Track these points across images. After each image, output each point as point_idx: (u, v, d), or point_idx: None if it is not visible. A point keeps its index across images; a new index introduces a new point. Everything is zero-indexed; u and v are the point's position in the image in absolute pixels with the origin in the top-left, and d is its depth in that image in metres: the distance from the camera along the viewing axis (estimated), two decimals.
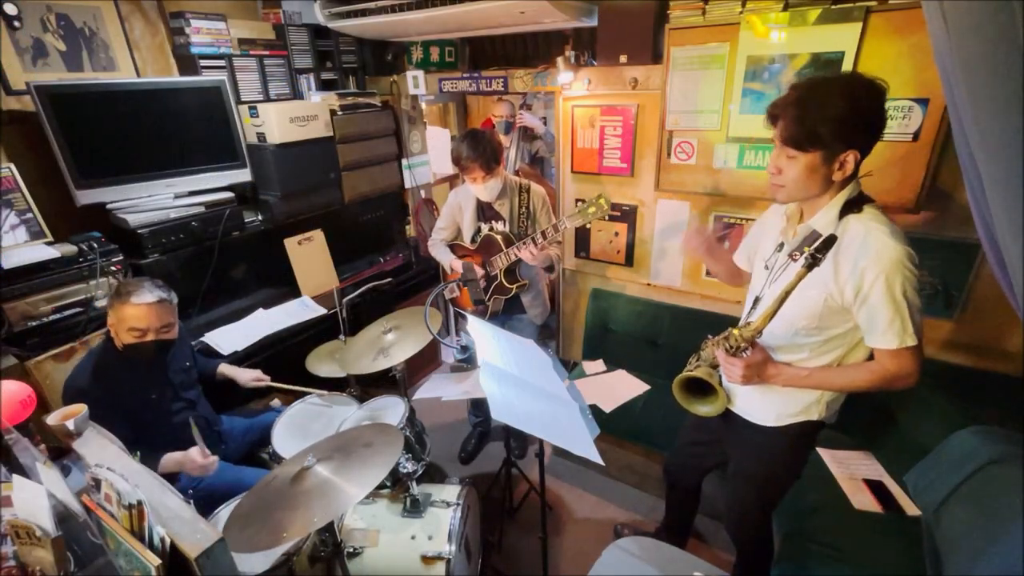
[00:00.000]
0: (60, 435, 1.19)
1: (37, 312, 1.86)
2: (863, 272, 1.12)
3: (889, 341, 1.15)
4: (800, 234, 1.23)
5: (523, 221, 2.15)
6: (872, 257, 1.11)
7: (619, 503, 2.36)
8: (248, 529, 1.18)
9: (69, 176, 1.99)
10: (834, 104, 1.07)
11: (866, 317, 1.16)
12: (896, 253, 1.10)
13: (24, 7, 1.97)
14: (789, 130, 1.13)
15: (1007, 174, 0.90)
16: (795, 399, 1.34)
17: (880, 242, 1.11)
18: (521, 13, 2.25)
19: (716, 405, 1.36)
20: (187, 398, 1.85)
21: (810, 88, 1.12)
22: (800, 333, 1.26)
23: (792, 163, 1.16)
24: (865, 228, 1.13)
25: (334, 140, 2.76)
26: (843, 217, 1.17)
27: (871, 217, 1.15)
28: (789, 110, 1.12)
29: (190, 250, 2.27)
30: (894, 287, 1.10)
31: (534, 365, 1.60)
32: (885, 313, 1.12)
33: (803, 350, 1.28)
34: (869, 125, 1.09)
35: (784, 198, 1.24)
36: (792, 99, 1.13)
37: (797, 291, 1.16)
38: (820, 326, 1.23)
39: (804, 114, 1.10)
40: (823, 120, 1.08)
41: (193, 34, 2.35)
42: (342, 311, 2.30)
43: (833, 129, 1.08)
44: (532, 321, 2.33)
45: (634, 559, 1.49)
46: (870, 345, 1.20)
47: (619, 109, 2.36)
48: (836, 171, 1.14)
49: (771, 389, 1.35)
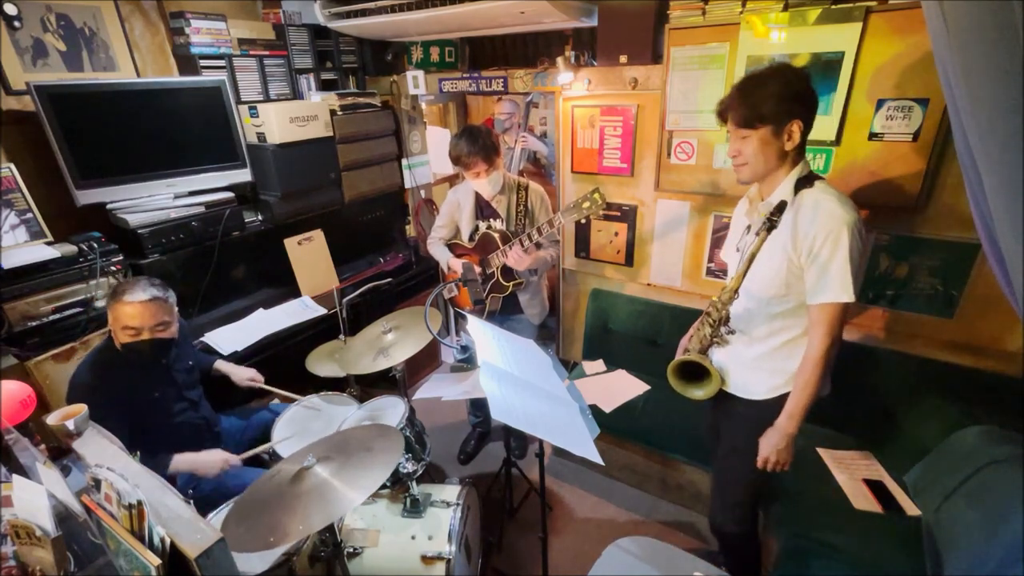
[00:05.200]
0: (60, 435, 1.19)
1: (37, 312, 1.86)
2: (815, 235, 1.27)
3: (828, 295, 1.28)
4: (761, 210, 1.36)
5: (521, 219, 2.15)
6: (821, 221, 1.26)
7: (619, 503, 2.36)
8: (248, 529, 1.18)
9: (69, 176, 1.99)
10: (769, 85, 1.27)
11: (813, 275, 1.30)
12: (842, 216, 1.24)
13: (24, 7, 1.97)
14: (739, 114, 1.31)
15: (1007, 175, 0.90)
16: (779, 372, 1.45)
17: (828, 209, 1.26)
18: (521, 13, 2.25)
19: (710, 387, 1.47)
20: (190, 398, 1.85)
21: (747, 79, 1.33)
22: (772, 302, 1.40)
23: (747, 142, 1.32)
24: (815, 198, 1.29)
25: (334, 140, 2.75)
26: (798, 192, 1.32)
27: (821, 189, 1.30)
28: (734, 100, 1.32)
29: (190, 250, 2.27)
30: (839, 246, 1.24)
31: (534, 365, 1.60)
32: (829, 268, 1.26)
33: (776, 320, 1.41)
34: (803, 99, 1.27)
35: (748, 175, 1.38)
36: (734, 91, 1.33)
37: (765, 260, 1.34)
38: (788, 293, 1.36)
39: (747, 98, 1.29)
40: (764, 98, 1.26)
41: (193, 34, 2.35)
42: (342, 311, 2.30)
43: (774, 104, 1.26)
44: (530, 321, 2.33)
45: (634, 559, 1.49)
46: (812, 302, 1.32)
47: (619, 109, 2.36)
48: (787, 142, 1.29)
49: (756, 366, 1.48)
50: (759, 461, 1.47)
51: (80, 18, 2.13)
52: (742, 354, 1.50)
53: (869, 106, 1.79)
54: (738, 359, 1.52)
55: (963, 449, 1.62)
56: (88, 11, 2.15)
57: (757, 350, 1.47)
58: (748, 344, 1.49)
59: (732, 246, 1.58)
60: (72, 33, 2.12)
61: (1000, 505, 1.38)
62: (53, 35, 2.07)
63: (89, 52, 2.18)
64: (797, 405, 1.39)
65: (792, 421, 1.40)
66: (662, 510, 2.30)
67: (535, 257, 2.06)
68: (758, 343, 1.46)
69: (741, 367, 1.51)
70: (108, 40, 2.22)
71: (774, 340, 1.44)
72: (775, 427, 1.43)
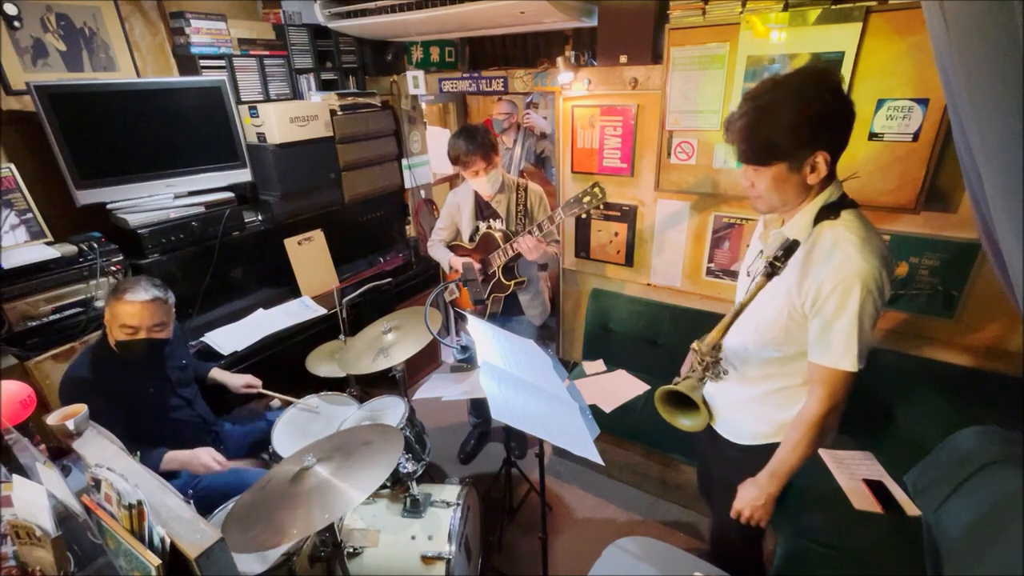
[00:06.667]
0: (60, 435, 1.19)
1: (37, 312, 1.86)
2: (822, 283, 1.07)
3: (826, 357, 1.10)
4: (772, 240, 1.17)
5: (521, 219, 2.15)
6: (833, 268, 1.05)
7: (619, 503, 2.36)
8: (248, 529, 1.18)
9: (69, 176, 1.99)
10: (784, 112, 1.02)
11: (815, 329, 1.11)
12: (859, 268, 1.03)
13: (24, 7, 1.97)
14: (742, 150, 1.10)
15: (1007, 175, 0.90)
16: (766, 420, 1.31)
17: (845, 254, 1.05)
18: (521, 13, 2.25)
19: (698, 421, 1.27)
20: (184, 396, 1.86)
21: (755, 99, 1.06)
22: (769, 346, 1.22)
23: (760, 176, 1.11)
24: (835, 238, 1.07)
25: (334, 140, 2.76)
26: (818, 223, 1.10)
27: (845, 226, 1.08)
28: (739, 129, 1.08)
29: (190, 250, 2.27)
30: (848, 302, 1.05)
31: (534, 365, 1.60)
32: (833, 327, 1.08)
33: (772, 365, 1.25)
34: (830, 123, 1.03)
35: (764, 208, 1.19)
36: (740, 115, 1.08)
37: (766, 301, 1.14)
38: (787, 340, 1.19)
39: (755, 130, 1.05)
40: (776, 131, 1.03)
41: (193, 34, 2.35)
42: (342, 311, 2.30)
43: (789, 137, 1.03)
44: (531, 322, 2.33)
45: (634, 559, 1.49)
46: (811, 360, 1.14)
47: (619, 109, 2.36)
48: (809, 175, 1.07)
49: (744, 408, 1.34)
50: (732, 511, 1.33)
51: (80, 18, 2.13)
52: (733, 393, 1.35)
53: (869, 106, 1.78)
54: (728, 396, 1.37)
55: (963, 449, 1.62)
56: (88, 11, 2.15)
57: (749, 392, 1.32)
58: (740, 383, 1.33)
59: (744, 269, 1.38)
60: (72, 33, 2.12)
61: (1000, 505, 1.38)
62: (53, 35, 2.07)
63: (89, 52, 2.18)
64: (782, 466, 1.22)
65: (774, 481, 1.24)
66: (662, 510, 2.30)
67: (542, 249, 2.03)
68: (751, 385, 1.31)
69: (731, 406, 1.37)
70: (108, 40, 2.22)
71: (767, 385, 1.28)
72: (755, 481, 1.28)
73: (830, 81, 1.03)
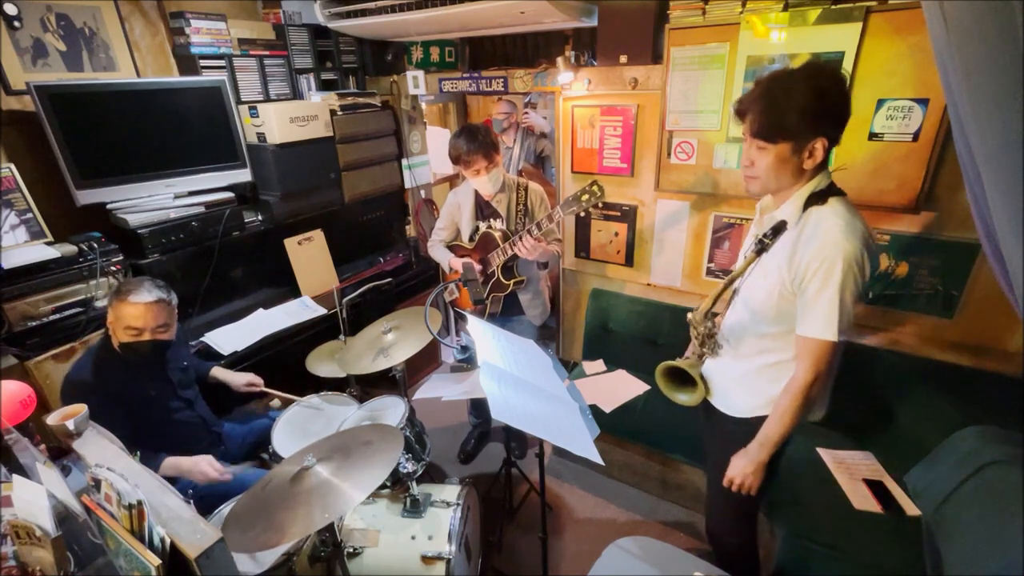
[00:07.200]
0: (60, 435, 1.19)
1: (37, 312, 1.86)
2: (808, 262, 1.15)
3: (811, 329, 1.18)
4: (766, 224, 1.26)
5: (521, 218, 2.15)
6: (818, 247, 1.14)
7: (619, 503, 2.36)
8: (248, 529, 1.18)
9: (69, 176, 1.99)
10: (800, 94, 1.10)
11: (801, 304, 1.20)
12: (842, 248, 1.11)
13: (24, 7, 1.97)
14: (758, 123, 1.16)
15: (1007, 175, 0.90)
16: (760, 393, 1.38)
17: (829, 235, 1.13)
18: (521, 13, 2.25)
19: (695, 395, 1.42)
20: (185, 397, 1.86)
21: (775, 80, 1.15)
22: (763, 322, 1.30)
23: (763, 154, 1.19)
24: (821, 220, 1.16)
25: (334, 140, 2.75)
26: (807, 208, 1.19)
27: (832, 210, 1.17)
28: (756, 104, 1.16)
29: (190, 250, 2.27)
30: (831, 278, 1.13)
31: (534, 365, 1.60)
32: (817, 300, 1.16)
33: (765, 340, 1.33)
34: (835, 113, 1.12)
35: (758, 189, 1.27)
36: (758, 93, 1.16)
37: (760, 280, 1.25)
38: (778, 317, 1.27)
39: (771, 106, 1.13)
40: (790, 110, 1.11)
41: (193, 34, 2.35)
42: (342, 311, 2.30)
43: (800, 119, 1.11)
44: (531, 322, 2.33)
45: (634, 559, 1.49)
46: (798, 333, 1.22)
47: (619, 109, 2.36)
48: (807, 159, 1.16)
49: (739, 383, 1.41)
50: (724, 480, 1.41)
51: (80, 18, 2.13)
52: (728, 368, 1.43)
53: (869, 106, 1.78)
54: (724, 372, 1.45)
55: (963, 449, 1.62)
56: (88, 11, 2.15)
57: (743, 367, 1.39)
58: (735, 358, 1.41)
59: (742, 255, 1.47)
60: (72, 33, 2.12)
61: (1000, 505, 1.38)
62: (53, 35, 2.07)
63: (89, 52, 2.18)
64: (771, 434, 1.30)
65: (763, 449, 1.32)
66: (662, 510, 2.30)
67: (542, 248, 2.03)
68: (745, 360, 1.39)
69: (726, 380, 1.45)
70: (108, 40, 2.22)
71: (760, 360, 1.35)
72: (746, 450, 1.36)
73: (839, 76, 1.16)
